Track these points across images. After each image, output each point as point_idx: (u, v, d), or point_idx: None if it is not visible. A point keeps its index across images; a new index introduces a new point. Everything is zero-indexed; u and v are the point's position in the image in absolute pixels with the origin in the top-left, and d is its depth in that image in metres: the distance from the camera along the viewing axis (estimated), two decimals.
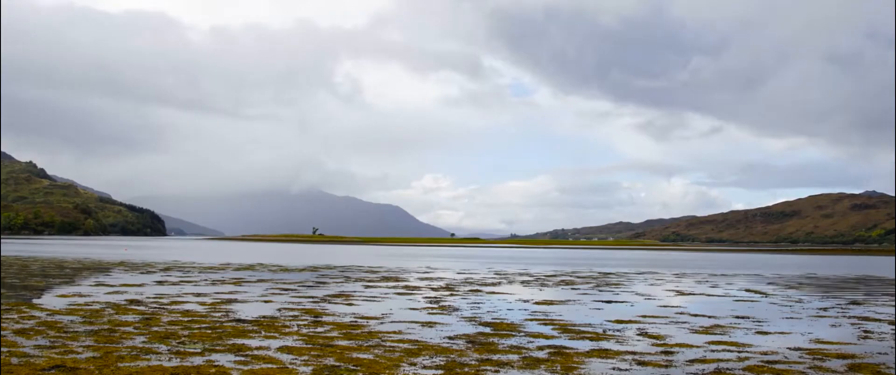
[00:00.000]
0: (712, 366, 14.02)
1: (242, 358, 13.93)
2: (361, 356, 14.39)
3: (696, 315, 23.08)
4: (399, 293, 30.19)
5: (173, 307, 23.19)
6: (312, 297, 27.68)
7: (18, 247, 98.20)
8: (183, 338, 16.29)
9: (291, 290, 30.96)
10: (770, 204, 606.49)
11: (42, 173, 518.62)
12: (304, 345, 15.62)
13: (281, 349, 15.11)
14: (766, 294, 32.85)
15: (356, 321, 20.04)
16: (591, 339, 17.40)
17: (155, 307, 22.79)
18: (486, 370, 13.31)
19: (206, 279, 36.83)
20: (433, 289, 32.79)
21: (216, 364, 13.33)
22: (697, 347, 16.40)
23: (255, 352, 14.64)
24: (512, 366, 13.71)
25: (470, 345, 16.09)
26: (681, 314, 23.60)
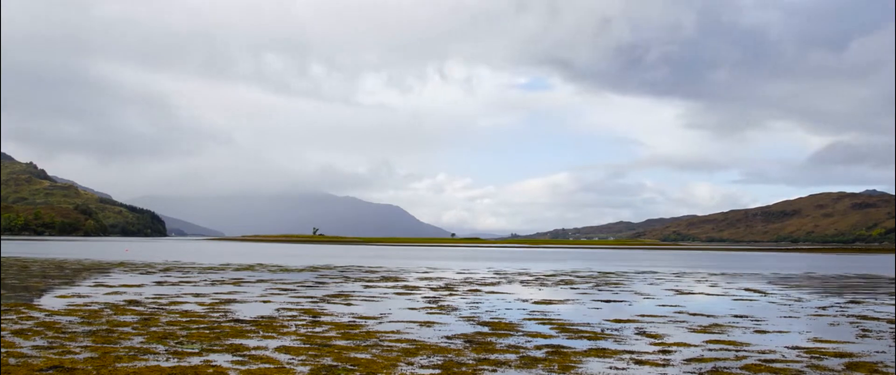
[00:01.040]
0: (710, 365, 14.02)
1: (240, 358, 13.94)
2: (359, 355, 14.40)
3: (694, 314, 23.08)
4: (398, 293, 30.19)
5: (172, 307, 23.20)
6: (311, 297, 27.69)
7: (18, 248, 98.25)
8: (181, 338, 16.30)
9: (290, 290, 30.97)
10: (770, 203, 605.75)
11: (42, 174, 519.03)
12: (302, 345, 15.63)
13: (279, 349, 15.12)
14: (765, 293, 32.85)
15: (354, 321, 20.05)
16: (589, 338, 17.41)
17: (153, 308, 22.80)
18: (484, 369, 13.31)
19: (205, 280, 36.85)
20: (432, 289, 32.80)
21: (214, 364, 13.34)
22: (695, 346, 16.40)
23: (253, 352, 14.65)
24: (509, 366, 13.72)
25: (468, 345, 16.09)
26: (679, 313, 23.60)
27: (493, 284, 36.68)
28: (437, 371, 13.03)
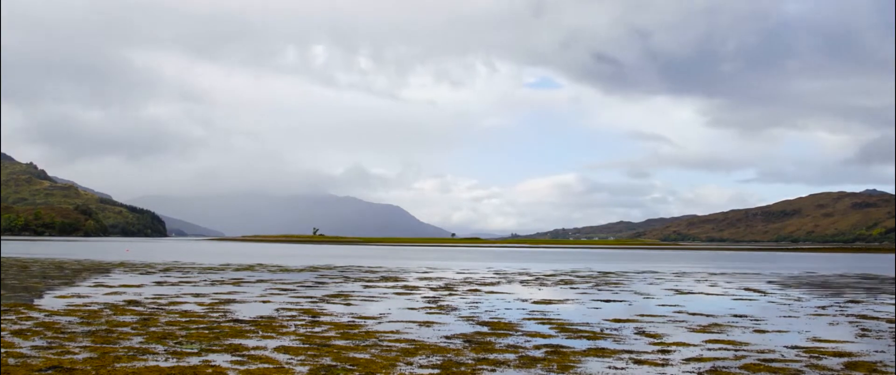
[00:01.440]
0: (709, 364, 14.03)
1: (239, 358, 13.94)
2: (358, 355, 14.40)
3: (694, 314, 23.09)
4: (398, 293, 30.20)
5: (171, 307, 23.20)
6: (311, 297, 27.70)
7: (18, 248, 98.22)
8: (180, 338, 16.30)
9: (290, 290, 30.98)
10: (770, 202, 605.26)
11: (42, 175, 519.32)
12: (301, 345, 15.64)
13: (278, 349, 15.12)
14: (764, 293, 32.86)
15: (354, 321, 20.06)
16: (588, 338, 17.41)
17: (153, 308, 22.80)
18: (483, 369, 13.32)
19: (205, 280, 36.85)
20: (432, 289, 32.80)
21: (213, 364, 13.34)
22: (694, 346, 16.40)
23: (252, 352, 14.65)
24: (508, 365, 13.72)
25: (467, 345, 16.09)
26: (679, 313, 23.61)
27: (492, 284, 36.68)
28: (436, 371, 13.03)
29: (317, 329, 18.24)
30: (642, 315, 22.55)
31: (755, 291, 34.07)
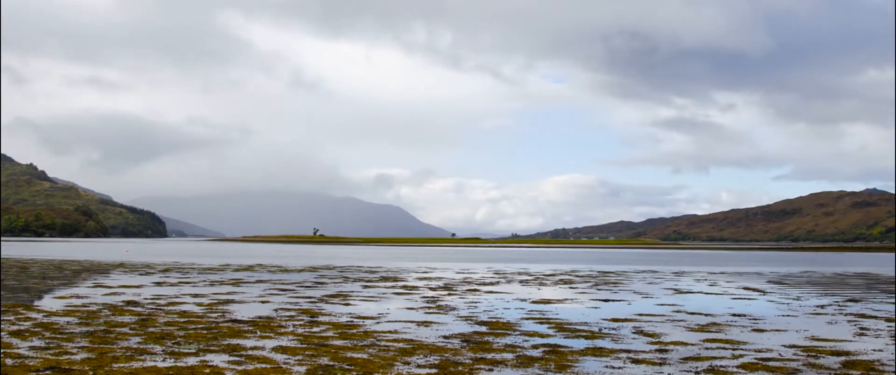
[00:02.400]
0: (706, 364, 14.03)
1: (237, 358, 13.95)
2: (356, 355, 14.40)
3: (692, 313, 23.09)
4: (397, 293, 30.20)
5: (170, 307, 23.21)
6: (310, 297, 27.70)
7: (18, 249, 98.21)
8: (178, 339, 16.31)
9: (289, 290, 30.98)
10: (770, 202, 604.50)
11: (43, 176, 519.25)
12: (300, 345, 15.64)
13: (276, 349, 15.13)
14: (764, 292, 32.86)
15: (352, 321, 20.06)
16: (586, 338, 17.41)
17: (152, 309, 22.80)
18: (481, 368, 13.32)
19: (204, 280, 36.85)
20: (431, 289, 32.80)
21: (210, 364, 13.35)
22: (693, 345, 16.40)
23: (250, 352, 14.66)
24: (506, 365, 13.73)
25: (465, 344, 16.10)
26: (677, 312, 23.61)
27: (492, 284, 36.68)
28: (434, 371, 13.04)
29: (315, 329, 18.25)
30: (641, 315, 22.55)
31: (754, 290, 34.07)
